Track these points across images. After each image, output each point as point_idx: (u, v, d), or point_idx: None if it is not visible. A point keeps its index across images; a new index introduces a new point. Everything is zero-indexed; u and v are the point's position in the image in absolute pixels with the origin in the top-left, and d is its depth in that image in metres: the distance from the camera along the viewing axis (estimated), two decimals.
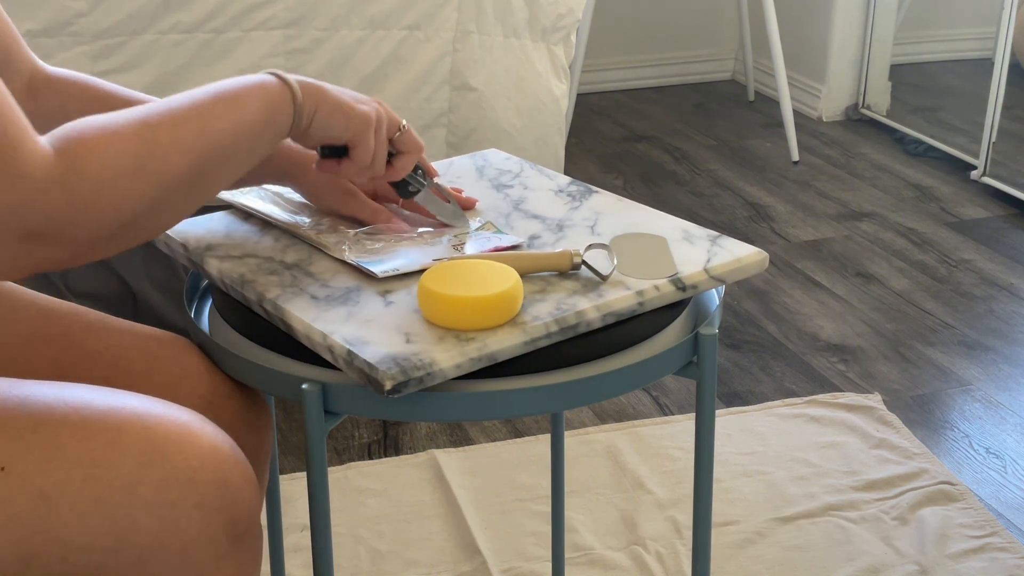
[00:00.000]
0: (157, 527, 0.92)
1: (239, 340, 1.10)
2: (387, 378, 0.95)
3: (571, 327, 1.03)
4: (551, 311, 1.04)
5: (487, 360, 0.99)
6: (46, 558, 0.90)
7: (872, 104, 3.76)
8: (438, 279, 1.02)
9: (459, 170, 1.35)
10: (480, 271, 1.04)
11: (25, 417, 0.91)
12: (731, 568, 1.80)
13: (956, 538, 1.84)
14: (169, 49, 2.00)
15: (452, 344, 0.99)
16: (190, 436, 0.95)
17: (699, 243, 1.16)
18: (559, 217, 1.22)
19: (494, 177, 1.33)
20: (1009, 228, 3.00)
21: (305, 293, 1.07)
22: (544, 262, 1.09)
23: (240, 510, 0.96)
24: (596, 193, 1.28)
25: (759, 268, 1.15)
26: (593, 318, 1.04)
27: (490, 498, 1.94)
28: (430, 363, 0.97)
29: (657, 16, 4.07)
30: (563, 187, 1.30)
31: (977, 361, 2.38)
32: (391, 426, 2.12)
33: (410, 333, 1.01)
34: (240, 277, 1.10)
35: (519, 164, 1.36)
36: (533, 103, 2.20)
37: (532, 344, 1.02)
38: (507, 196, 1.28)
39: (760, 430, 2.13)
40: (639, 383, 1.09)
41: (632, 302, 1.06)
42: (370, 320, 1.03)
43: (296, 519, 1.83)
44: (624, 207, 1.25)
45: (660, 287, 1.08)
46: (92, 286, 2.11)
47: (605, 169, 3.40)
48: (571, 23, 2.21)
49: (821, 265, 2.80)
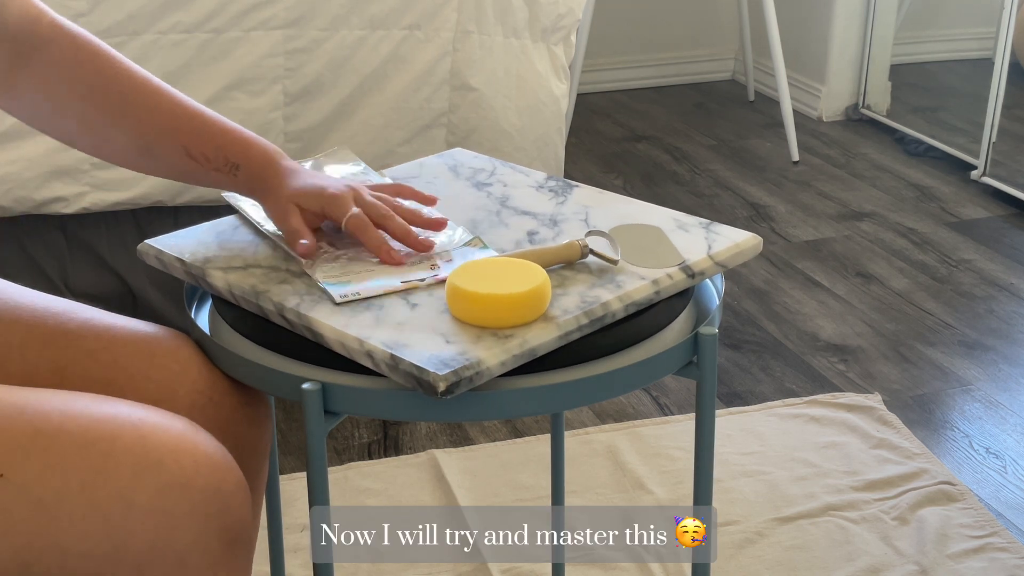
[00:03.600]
0: (153, 534, 0.92)
1: (239, 340, 1.10)
2: (440, 380, 0.95)
3: (599, 319, 1.04)
4: (578, 304, 1.04)
5: (528, 356, 1.00)
6: (45, 565, 0.90)
7: (872, 104, 3.76)
8: (467, 278, 1.02)
9: (432, 171, 1.34)
10: (506, 268, 1.04)
11: (23, 425, 0.92)
12: (731, 568, 1.80)
13: (956, 538, 1.84)
14: (169, 49, 2.00)
15: (492, 343, 0.99)
16: (184, 444, 0.95)
17: (694, 231, 1.17)
18: (549, 212, 1.22)
19: (470, 176, 1.32)
20: (1009, 228, 3.00)
21: (324, 300, 1.06)
22: (555, 255, 1.10)
23: (233, 517, 0.97)
24: (577, 187, 1.28)
25: (755, 252, 1.16)
26: (616, 308, 1.05)
27: (490, 498, 1.94)
28: (477, 362, 0.97)
29: (657, 16, 4.07)
30: (542, 183, 1.30)
31: (977, 361, 2.38)
32: (391, 426, 2.12)
33: (446, 334, 1.01)
34: (252, 288, 1.08)
35: (490, 162, 1.36)
36: (533, 103, 2.19)
37: (566, 338, 1.02)
38: (490, 195, 1.27)
39: (760, 430, 2.13)
40: (639, 383, 1.09)
41: (649, 291, 1.08)
42: (401, 324, 1.02)
43: (296, 519, 1.83)
44: (608, 200, 1.25)
45: (672, 275, 1.10)
46: (92, 286, 2.11)
47: (605, 169, 3.40)
48: (571, 23, 2.21)
49: (821, 265, 2.80)
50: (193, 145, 1.14)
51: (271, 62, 2.05)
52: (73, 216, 2.06)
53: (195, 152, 1.14)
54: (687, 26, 4.11)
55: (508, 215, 1.22)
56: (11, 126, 1.93)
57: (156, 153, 1.15)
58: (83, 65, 1.13)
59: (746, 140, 3.64)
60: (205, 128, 1.15)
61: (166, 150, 1.15)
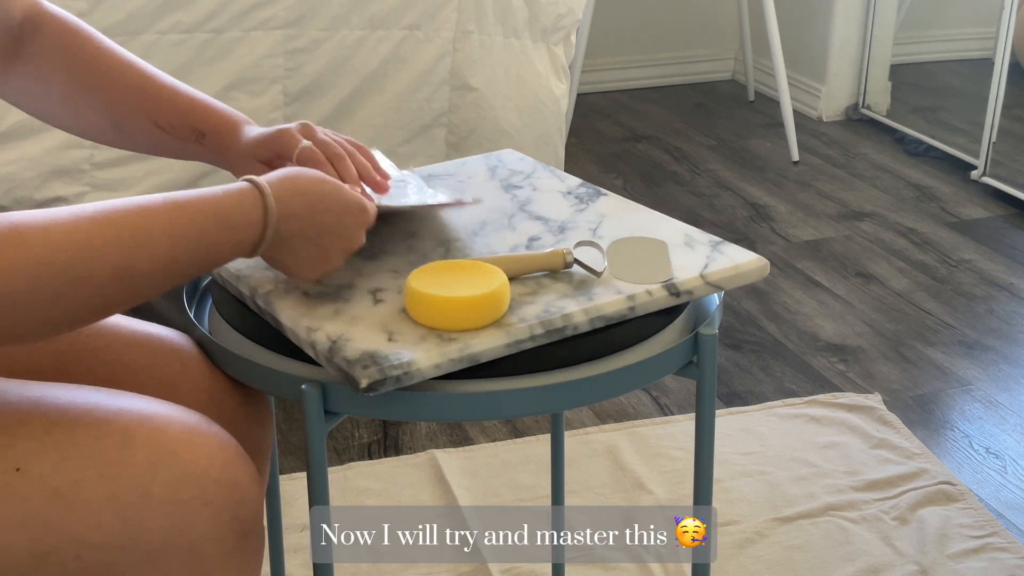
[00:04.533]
0: (168, 525, 0.93)
1: (239, 340, 1.10)
2: (364, 376, 0.95)
3: (557, 330, 1.03)
4: (538, 313, 1.03)
5: (468, 361, 0.99)
6: (61, 555, 0.91)
7: (872, 104, 3.76)
8: (425, 279, 1.03)
9: (469, 170, 1.35)
10: (469, 272, 1.04)
11: (40, 418, 0.93)
12: (731, 568, 1.80)
13: (956, 538, 1.84)
14: (169, 49, 2.00)
15: (434, 344, 0.99)
16: (198, 436, 0.96)
17: (700, 248, 1.15)
18: (563, 219, 1.22)
19: (505, 178, 1.33)
20: (1009, 228, 3.00)
21: (298, 290, 1.07)
22: (537, 262, 1.09)
23: (246, 508, 0.98)
24: (604, 196, 1.28)
25: (759, 275, 1.13)
26: (580, 321, 1.04)
27: (490, 498, 1.94)
28: (409, 362, 0.97)
29: (657, 16, 4.07)
30: (572, 189, 1.29)
31: (977, 361, 2.38)
32: (391, 426, 2.12)
33: (394, 332, 1.01)
34: (236, 272, 1.10)
35: (532, 165, 1.36)
36: (533, 103, 2.20)
37: (516, 346, 1.01)
38: (515, 197, 1.27)
39: (760, 430, 2.13)
40: (639, 383, 1.09)
41: (623, 306, 1.06)
42: (357, 317, 1.03)
43: (296, 519, 1.83)
44: (630, 210, 1.24)
45: (653, 292, 1.08)
46: None
47: (605, 169, 3.40)
48: (571, 23, 2.21)
49: (821, 265, 2.80)
50: (160, 116, 1.15)
51: (271, 62, 2.05)
52: None
53: (163, 122, 1.15)
54: (687, 26, 4.11)
55: (520, 219, 1.22)
56: (11, 126, 1.93)
57: (126, 127, 1.16)
58: (66, 48, 1.15)
59: (746, 140, 3.64)
60: (171, 99, 1.16)
61: (135, 122, 1.16)
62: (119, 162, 1.99)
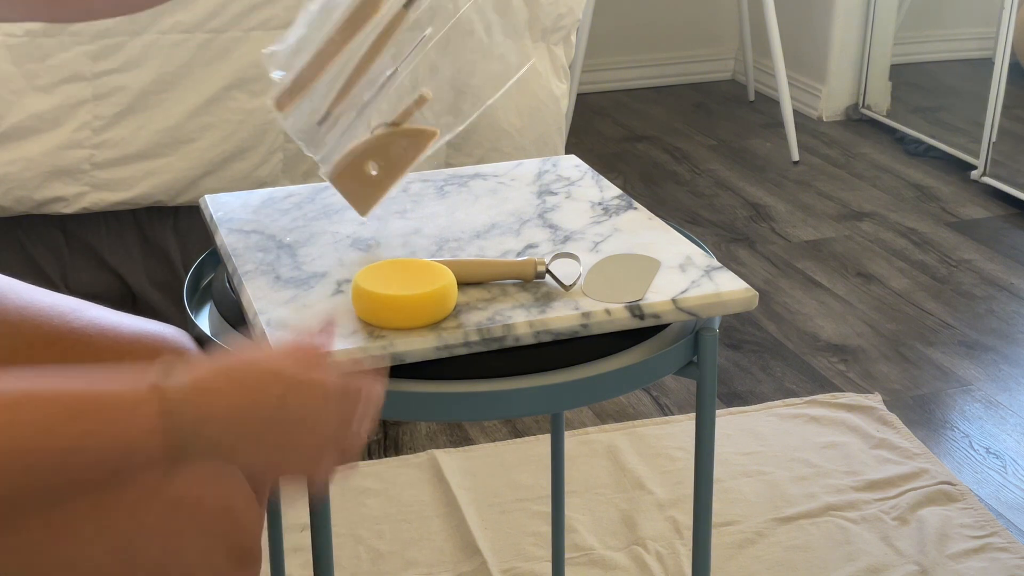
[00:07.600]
0: (161, 553, 0.92)
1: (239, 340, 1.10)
2: None
3: (495, 339, 1.02)
4: (480, 320, 1.02)
5: (392, 360, 0.99)
6: None
7: (872, 104, 3.76)
8: (372, 276, 1.03)
9: (516, 172, 1.35)
10: (418, 272, 1.04)
11: None
12: (731, 568, 1.80)
13: (956, 538, 1.84)
14: (169, 49, 2.00)
15: (361, 339, 0.99)
16: None
17: (691, 272, 1.12)
18: (572, 230, 1.21)
19: (548, 183, 1.32)
20: (1009, 228, 3.00)
21: (273, 273, 1.10)
22: (507, 269, 1.08)
23: (243, 535, 0.97)
24: (632, 210, 1.25)
25: (745, 307, 1.10)
26: (523, 333, 1.02)
27: (490, 498, 1.94)
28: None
29: (657, 16, 4.07)
30: (605, 200, 1.28)
31: (977, 361, 2.38)
32: (391, 426, 2.12)
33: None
34: (232, 249, 1.14)
35: (583, 173, 1.35)
36: (533, 103, 2.19)
37: (446, 350, 1.01)
38: (543, 203, 1.27)
39: (760, 430, 2.13)
40: (639, 383, 1.09)
41: (575, 323, 1.04)
42: (307, 307, 1.05)
43: (296, 519, 1.83)
44: (647, 227, 1.22)
45: (612, 312, 1.04)
46: (92, 286, 2.11)
47: (605, 169, 3.40)
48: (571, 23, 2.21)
49: (821, 265, 2.80)
50: None
51: None
52: (73, 216, 2.06)
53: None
54: (687, 26, 4.11)
55: (530, 226, 1.22)
56: (11, 126, 1.93)
57: None
58: None
59: (746, 140, 3.64)
60: None
61: None
62: (119, 162, 1.99)
